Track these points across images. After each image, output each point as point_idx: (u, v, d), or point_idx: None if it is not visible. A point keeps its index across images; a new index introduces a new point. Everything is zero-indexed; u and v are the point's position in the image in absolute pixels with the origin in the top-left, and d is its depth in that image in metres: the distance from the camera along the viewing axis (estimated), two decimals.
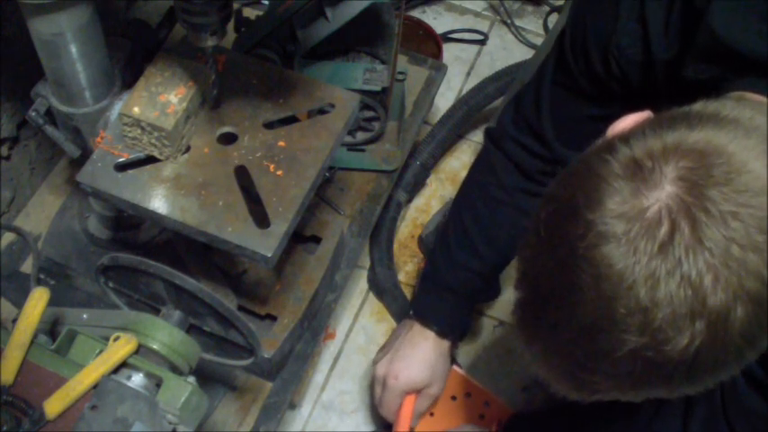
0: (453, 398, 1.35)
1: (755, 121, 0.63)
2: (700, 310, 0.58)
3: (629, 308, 0.60)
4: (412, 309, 1.28)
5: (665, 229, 0.59)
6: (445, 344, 1.25)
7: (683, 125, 0.63)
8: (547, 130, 1.08)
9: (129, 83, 1.07)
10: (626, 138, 0.64)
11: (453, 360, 1.38)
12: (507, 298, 1.51)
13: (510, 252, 1.23)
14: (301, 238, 1.29)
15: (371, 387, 1.34)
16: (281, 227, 0.98)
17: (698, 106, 0.66)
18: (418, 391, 1.26)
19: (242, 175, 1.02)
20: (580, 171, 0.66)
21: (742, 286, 0.58)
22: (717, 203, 0.58)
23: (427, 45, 1.76)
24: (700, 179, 0.59)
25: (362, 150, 1.37)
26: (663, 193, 0.60)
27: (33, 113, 1.06)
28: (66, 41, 0.95)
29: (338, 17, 1.23)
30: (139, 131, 1.00)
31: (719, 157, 0.60)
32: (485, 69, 1.81)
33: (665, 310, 0.59)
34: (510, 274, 1.37)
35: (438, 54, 1.73)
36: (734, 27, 0.76)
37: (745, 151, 0.61)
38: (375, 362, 1.28)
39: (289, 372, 1.25)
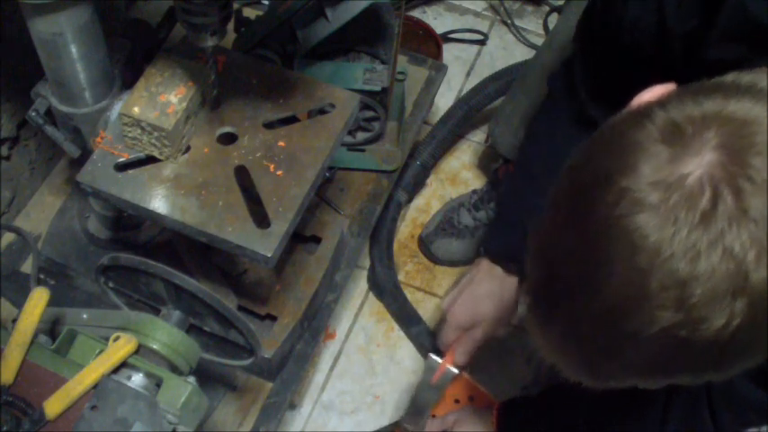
0: (456, 401, 1.35)
1: None
2: (742, 286, 0.55)
3: (664, 282, 0.56)
4: (482, 246, 1.23)
5: (707, 197, 0.55)
6: (512, 281, 1.18)
7: (719, 94, 0.60)
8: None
9: (129, 83, 1.07)
10: (662, 103, 0.61)
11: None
12: None
13: None
14: (301, 238, 1.29)
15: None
16: (281, 227, 0.98)
17: (731, 77, 0.63)
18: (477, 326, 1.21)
19: (242, 175, 1.02)
20: (610, 136, 0.62)
21: None
22: (760, 172, 0.55)
23: (427, 45, 1.76)
24: (743, 147, 0.56)
25: (362, 150, 1.37)
26: (704, 159, 0.56)
27: (33, 113, 1.06)
28: (67, 41, 0.95)
29: (338, 17, 1.23)
30: (139, 131, 1.00)
31: (760, 126, 0.57)
32: (485, 69, 1.81)
33: (706, 285, 0.55)
34: None
35: (438, 54, 1.72)
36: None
37: None
38: (444, 296, 1.24)
39: (289, 372, 1.25)
